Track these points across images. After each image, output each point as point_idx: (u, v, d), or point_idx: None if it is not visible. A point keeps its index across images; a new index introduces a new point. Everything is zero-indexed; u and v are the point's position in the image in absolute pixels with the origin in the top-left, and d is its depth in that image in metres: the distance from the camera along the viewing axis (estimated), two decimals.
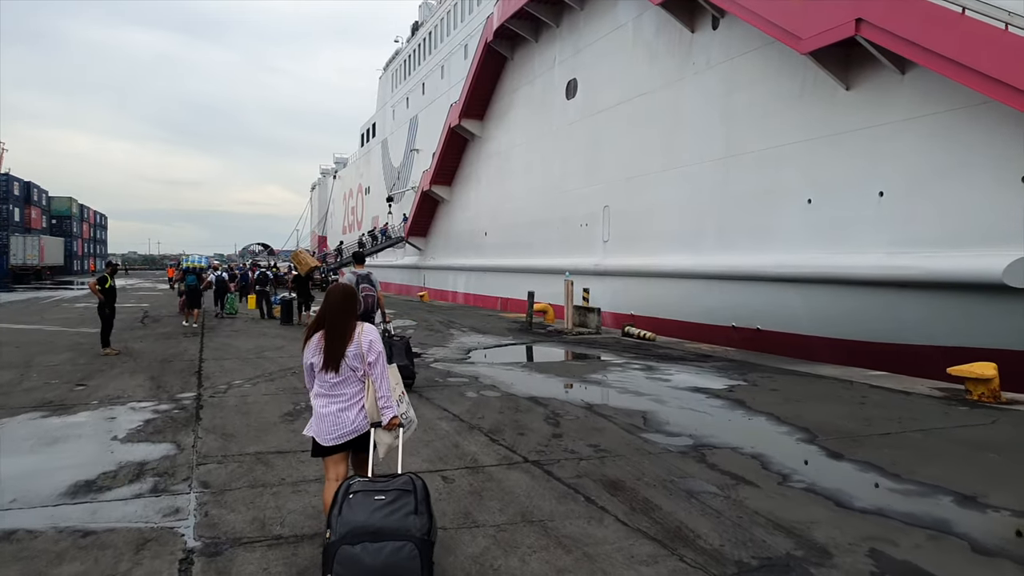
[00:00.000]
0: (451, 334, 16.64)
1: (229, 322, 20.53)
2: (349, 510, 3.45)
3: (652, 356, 12.87)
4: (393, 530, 3.38)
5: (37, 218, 65.08)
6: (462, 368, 11.27)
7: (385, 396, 4.06)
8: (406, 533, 3.39)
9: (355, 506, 3.46)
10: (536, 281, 28.12)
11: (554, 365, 11.99)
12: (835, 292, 15.55)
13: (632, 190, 22.54)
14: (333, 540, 3.38)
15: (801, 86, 16.48)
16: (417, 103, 44.59)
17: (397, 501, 3.49)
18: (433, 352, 13.31)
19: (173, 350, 13.51)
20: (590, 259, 24.36)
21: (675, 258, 20.28)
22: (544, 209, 27.96)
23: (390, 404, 4.07)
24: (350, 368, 4.04)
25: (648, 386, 9.62)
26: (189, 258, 23.13)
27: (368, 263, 50.63)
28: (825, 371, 11.33)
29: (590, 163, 24.89)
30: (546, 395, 8.92)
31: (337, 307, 4.13)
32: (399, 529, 3.39)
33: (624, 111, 23.02)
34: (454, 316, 22.62)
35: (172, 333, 16.67)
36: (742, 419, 7.72)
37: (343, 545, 3.35)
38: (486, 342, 15.08)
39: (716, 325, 18.80)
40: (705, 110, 19.49)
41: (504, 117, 32.02)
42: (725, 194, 18.72)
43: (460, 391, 9.25)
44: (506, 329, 17.78)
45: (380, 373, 4.08)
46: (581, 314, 17.27)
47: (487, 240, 33.50)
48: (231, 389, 9.42)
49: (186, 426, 7.28)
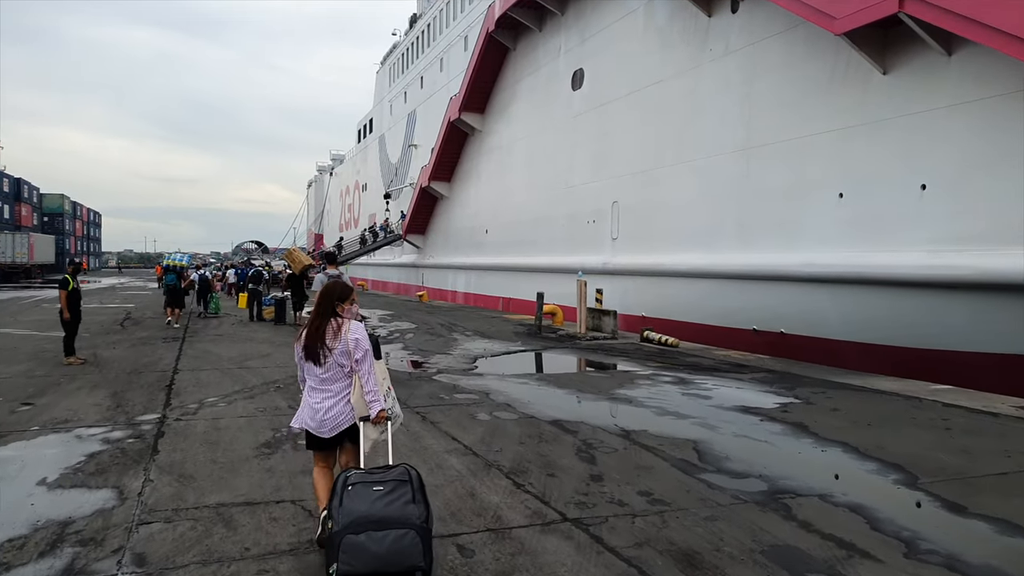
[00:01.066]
0: (454, 339, 15.22)
1: (216, 324, 19.08)
2: (350, 500, 3.53)
3: (681, 366, 11.47)
4: (395, 518, 3.47)
5: (28, 215, 63.44)
6: (470, 381, 9.85)
7: (372, 391, 4.17)
8: (407, 521, 3.48)
9: (355, 497, 3.55)
10: (541, 281, 26.68)
11: (573, 378, 10.57)
12: (870, 294, 14.19)
13: (643, 185, 21.15)
14: (337, 530, 3.45)
15: (831, 71, 15.10)
16: (415, 97, 43.10)
17: (396, 491, 3.59)
18: (436, 361, 11.89)
19: (147, 358, 12.06)
20: (598, 257, 22.97)
21: (690, 257, 18.91)
22: (548, 205, 26.55)
23: (377, 398, 4.18)
24: (337, 364, 4.17)
25: (688, 405, 8.22)
26: (171, 256, 21.51)
27: (363, 261, 49.26)
28: (881, 384, 9.94)
29: (598, 157, 23.49)
30: (572, 417, 7.52)
31: (320, 303, 4.31)
32: (400, 517, 3.48)
33: (635, 101, 21.62)
34: (456, 318, 21.20)
35: (150, 338, 15.21)
36: (814, 451, 6.34)
37: (348, 534, 3.41)
38: (493, 348, 13.67)
39: (735, 328, 17.43)
40: (723, 99, 18.10)
41: (506, 110, 30.58)
42: (746, 188, 17.34)
43: (470, 412, 7.84)
44: (513, 333, 16.36)
45: (367, 369, 4.20)
46: (595, 317, 15.86)
47: (488, 238, 32.07)
48: (202, 409, 7.99)
49: (137, 463, 5.85)
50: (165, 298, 19.44)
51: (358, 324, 4.37)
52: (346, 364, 4.18)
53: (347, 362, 4.18)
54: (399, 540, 3.42)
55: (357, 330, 4.27)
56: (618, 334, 15.47)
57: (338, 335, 4.19)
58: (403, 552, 3.42)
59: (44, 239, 60.62)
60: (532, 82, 28.20)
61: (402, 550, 3.42)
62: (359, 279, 51.17)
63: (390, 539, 3.42)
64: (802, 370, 11.40)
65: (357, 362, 4.18)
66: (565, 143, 25.56)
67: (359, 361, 4.18)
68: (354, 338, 4.20)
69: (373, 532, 3.42)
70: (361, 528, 3.43)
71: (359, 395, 4.19)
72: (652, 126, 20.75)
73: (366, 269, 52.75)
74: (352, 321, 4.35)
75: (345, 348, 4.17)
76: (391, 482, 3.65)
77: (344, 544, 3.41)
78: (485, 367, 11.34)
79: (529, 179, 28.24)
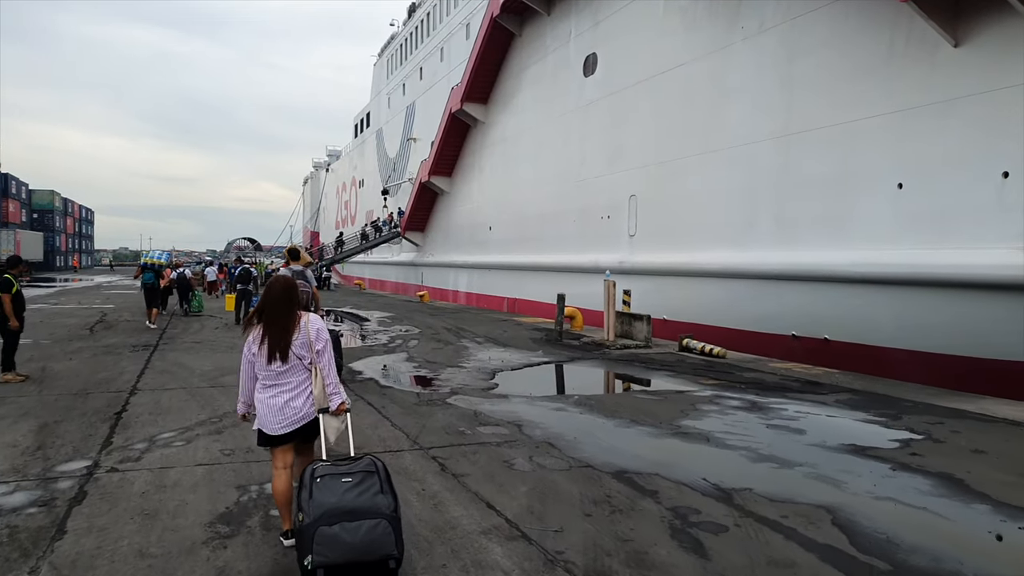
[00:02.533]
0: (465, 347, 13.21)
1: (198, 327, 17.03)
2: (320, 493, 3.47)
3: (741, 384, 9.48)
4: (367, 509, 3.43)
5: (15, 212, 61.04)
6: (494, 407, 7.86)
7: (333, 383, 4.09)
8: (378, 511, 3.45)
9: (325, 489, 3.49)
10: (550, 280, 24.73)
11: (621, 402, 8.48)
12: (936, 297, 12.29)
13: (664, 177, 19.20)
14: (309, 522, 3.38)
15: (889, 46, 13.17)
16: (415, 89, 41.02)
17: (364, 482, 3.54)
18: (448, 377, 9.89)
19: (105, 373, 10.02)
20: (613, 255, 21.02)
21: (720, 254, 16.98)
22: (558, 200, 24.56)
23: (338, 390, 4.11)
24: (296, 357, 4.03)
25: (783, 444, 6.26)
26: (149, 254, 19.59)
27: (360, 259, 47.19)
28: (997, 410, 7.99)
29: (613, 147, 21.52)
30: (641, 466, 5.54)
31: (278, 299, 4.08)
32: (372, 507, 3.45)
33: (654, 87, 19.66)
34: (463, 321, 19.17)
35: (118, 346, 13.15)
36: (1006, 527, 4.40)
37: (321, 526, 3.35)
38: (512, 359, 11.67)
39: (770, 334, 15.52)
40: (758, 81, 16.16)
41: (511, 100, 28.58)
42: (785, 179, 15.41)
43: (503, 457, 5.85)
44: (530, 340, 14.35)
45: (328, 361, 4.11)
46: (625, 322, 13.86)
47: (492, 235, 30.08)
48: (151, 452, 5.98)
49: (25, 556, 3.87)
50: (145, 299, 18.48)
51: (316, 316, 4.26)
52: (306, 356, 4.06)
53: (307, 354, 4.06)
54: (372, 530, 3.40)
55: (316, 321, 4.18)
56: (652, 342, 13.48)
57: (297, 327, 4.06)
58: (377, 541, 3.39)
59: (32, 236, 58.28)
60: (539, 70, 26.21)
61: (376, 539, 3.39)
62: (356, 278, 49.10)
63: (363, 529, 3.39)
64: (887, 388, 9.44)
65: (318, 353, 4.08)
66: (576, 133, 23.59)
67: (319, 352, 4.08)
68: (315, 328, 4.11)
69: (346, 523, 3.38)
70: (334, 519, 3.38)
71: (320, 387, 4.07)
72: (674, 113, 18.80)
73: (363, 267, 50.64)
74: (310, 313, 4.23)
75: (306, 339, 4.06)
76: (359, 473, 3.60)
77: (318, 536, 3.34)
78: (507, 385, 9.34)
79: (536, 173, 26.25)
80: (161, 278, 18.97)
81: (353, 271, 52.37)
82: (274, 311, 4.04)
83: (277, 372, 4.00)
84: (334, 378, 4.11)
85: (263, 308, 4.08)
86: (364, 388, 9.03)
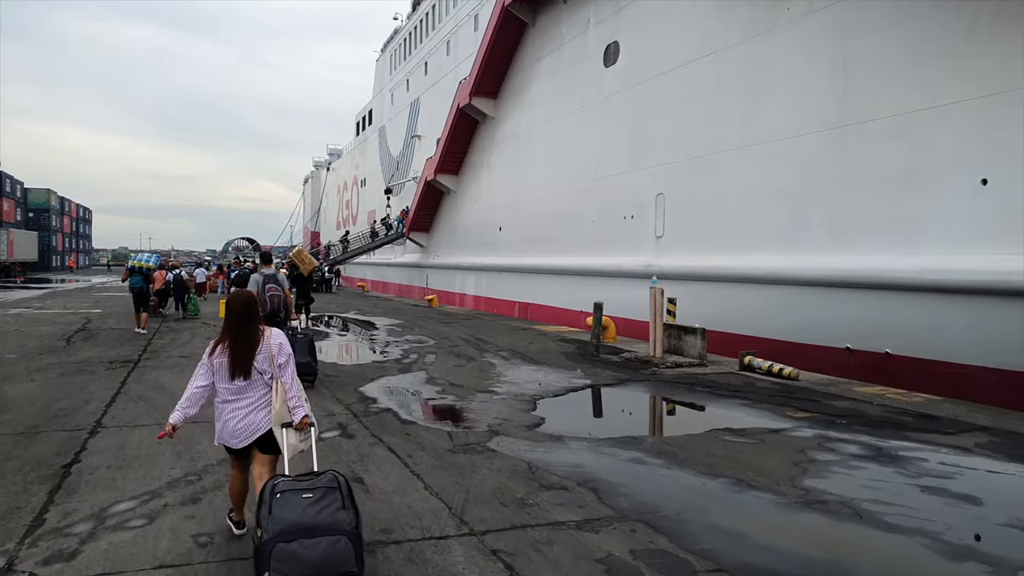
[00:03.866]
0: (491, 364, 11.41)
1: (187, 337, 15.20)
2: (279, 509, 3.35)
3: (839, 418, 7.65)
4: (327, 525, 3.33)
5: (10, 210, 59.02)
6: (549, 455, 6.08)
7: (295, 396, 4.01)
8: (338, 527, 3.34)
9: (284, 504, 3.37)
10: (567, 284, 22.98)
11: (709, 448, 6.45)
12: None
13: (696, 173, 17.44)
14: (267, 539, 3.27)
15: (972, 22, 11.42)
16: (419, 85, 39.18)
17: (325, 498, 3.43)
18: (481, 407, 8.08)
19: (68, 400, 8.22)
20: (638, 258, 19.27)
21: (761, 258, 15.23)
22: (575, 199, 22.78)
23: (300, 404, 4.02)
24: (258, 372, 3.95)
25: (962, 523, 4.48)
26: (137, 256, 17.83)
27: (362, 260, 45.36)
28: None
29: (637, 143, 19.75)
30: (795, 569, 3.79)
31: (240, 315, 4.00)
32: (332, 524, 3.34)
33: (684, 76, 17.90)
34: (479, 330, 17.36)
35: (93, 361, 11.35)
36: None
37: (279, 543, 3.24)
38: (550, 382, 9.87)
39: (819, 346, 13.77)
40: (806, 67, 14.40)
41: (522, 94, 26.78)
42: (840, 175, 13.66)
43: (591, 550, 4.01)
44: (561, 354, 12.56)
45: (290, 374, 4.04)
46: (673, 336, 12.04)
47: (502, 236, 28.28)
48: (94, 539, 4.17)
49: None
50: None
51: (278, 330, 4.15)
52: (267, 370, 3.99)
53: (269, 368, 3.99)
54: (332, 547, 3.26)
55: (279, 335, 4.11)
56: (707, 358, 11.68)
57: (260, 341, 3.98)
58: (336, 558, 3.25)
59: (25, 235, 56.28)
60: (554, 60, 24.42)
61: (335, 556, 3.25)
62: (358, 279, 47.21)
63: (322, 546, 3.25)
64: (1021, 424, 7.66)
65: (280, 367, 4.00)
66: (595, 128, 21.81)
67: (282, 367, 4.01)
68: (277, 343, 4.04)
69: (305, 539, 3.25)
70: (292, 536, 3.25)
71: (281, 401, 3.96)
72: (707, 105, 17.04)
73: (365, 269, 48.76)
74: (273, 328, 4.14)
75: (267, 354, 3.99)
76: (320, 489, 3.47)
77: (276, 552, 3.21)
78: (555, 419, 7.56)
79: (551, 170, 24.46)
80: (151, 281, 17.52)
81: (355, 272, 50.48)
82: (237, 327, 3.96)
83: (238, 387, 3.95)
84: (296, 391, 4.03)
85: (226, 323, 3.99)
86: (382, 424, 7.25)
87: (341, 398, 8.52)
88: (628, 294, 19.81)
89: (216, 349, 3.98)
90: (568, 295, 23.03)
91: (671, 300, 12.57)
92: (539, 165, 25.39)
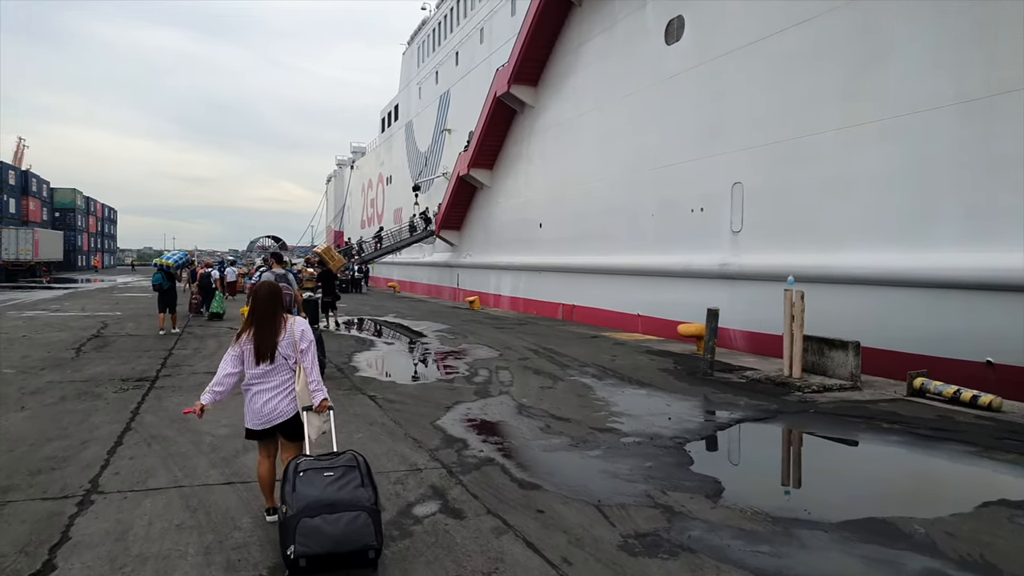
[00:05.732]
0: (584, 386, 9.03)
1: (214, 346, 12.99)
2: (303, 486, 3.53)
3: None
4: (347, 502, 3.50)
5: (36, 210, 57.55)
6: (782, 562, 3.73)
7: (316, 380, 4.20)
8: (358, 504, 3.51)
9: (307, 483, 3.54)
10: (619, 285, 20.59)
11: (1007, 550, 3.99)
12: None
13: (784, 159, 15.01)
14: (292, 514, 3.44)
15: None
16: (449, 76, 36.89)
17: (345, 476, 3.61)
18: (613, 457, 5.65)
19: (60, 441, 6.01)
20: (710, 256, 16.87)
21: (870, 256, 12.77)
22: (629, 191, 20.40)
23: (321, 388, 4.22)
24: (282, 356, 4.15)
25: None
26: (168, 255, 15.86)
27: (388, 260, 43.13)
28: None
29: (707, 127, 17.34)
30: None
31: (265, 303, 4.23)
32: (352, 501, 3.51)
33: (766, 50, 15.46)
34: (543, 338, 14.97)
35: (102, 379, 9.15)
36: None
37: (303, 518, 3.41)
38: (679, 415, 7.40)
39: (949, 359, 11.31)
40: (932, 30, 11.95)
41: (566, 80, 24.41)
42: (981, 156, 11.18)
43: None
44: (661, 371, 10.17)
45: (312, 359, 4.25)
46: (815, 351, 9.54)
47: (542, 233, 25.94)
48: None
49: None
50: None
51: (301, 319, 4.39)
52: (291, 356, 4.19)
53: (292, 353, 4.19)
54: (352, 522, 3.44)
55: (301, 323, 4.33)
56: (860, 380, 9.20)
57: (283, 328, 4.21)
58: (357, 532, 3.43)
59: (51, 235, 54.63)
60: (604, 42, 22.02)
61: (356, 530, 3.43)
62: (387, 279, 44.98)
63: (344, 521, 3.42)
64: None
65: (302, 352, 4.20)
66: (654, 113, 19.40)
67: (304, 352, 4.21)
68: (299, 330, 4.26)
69: (327, 515, 3.41)
70: (315, 512, 3.42)
71: (303, 385, 4.17)
72: (796, 81, 14.61)
73: (391, 268, 46.56)
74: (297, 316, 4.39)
75: (291, 340, 4.19)
76: (340, 468, 3.66)
77: (300, 527, 3.39)
78: (735, 484, 5.11)
79: (601, 161, 22.07)
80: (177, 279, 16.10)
81: (381, 272, 48.30)
82: (262, 314, 4.18)
83: (263, 371, 4.14)
84: (317, 375, 4.23)
85: (253, 311, 4.21)
86: (493, 489, 4.93)
87: (420, 439, 6.26)
88: (697, 296, 17.40)
89: (242, 336, 4.17)
90: (620, 297, 20.66)
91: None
92: (586, 156, 23.02)
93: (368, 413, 7.36)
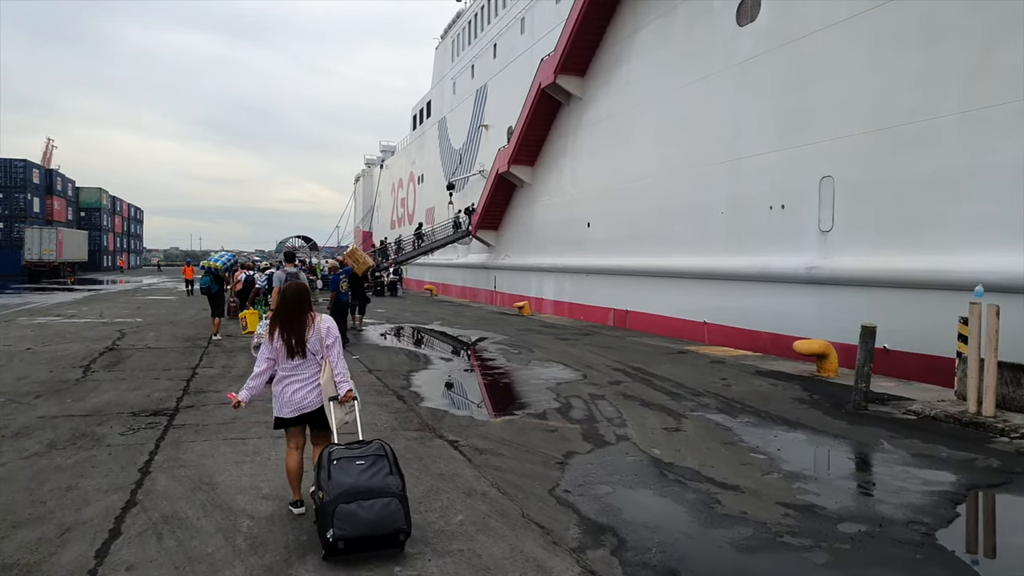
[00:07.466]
0: (720, 427, 7.15)
1: (245, 362, 11.55)
2: (337, 474, 3.87)
3: None
4: (380, 489, 3.84)
5: (61, 209, 57.27)
6: None
7: (341, 372, 4.50)
8: (389, 491, 3.85)
9: (341, 470, 3.89)
10: (680, 288, 18.86)
11: None
12: None
13: (885, 149, 13.18)
14: (329, 500, 3.78)
15: None
16: (486, 70, 35.40)
17: (376, 464, 3.95)
18: (838, 567, 4.05)
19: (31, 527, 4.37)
20: (794, 258, 15.09)
21: (1000, 258, 10.97)
22: (692, 187, 18.67)
23: (346, 379, 4.51)
24: (310, 351, 4.46)
25: None
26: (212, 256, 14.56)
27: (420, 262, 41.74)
28: None
29: (790, 114, 15.55)
30: None
31: (293, 301, 4.52)
32: (384, 488, 3.85)
33: (861, 28, 13.66)
34: (622, 354, 13.15)
35: (108, 413, 7.67)
36: None
37: (340, 504, 3.74)
38: (883, 476, 5.46)
39: None
40: None
41: (617, 68, 22.73)
42: None
43: None
44: (795, 401, 8.33)
45: (337, 353, 4.53)
46: (1008, 379, 7.49)
47: (590, 233, 24.28)
48: None
49: None
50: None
51: (326, 316, 4.61)
52: (318, 350, 4.47)
53: (319, 348, 4.46)
54: (385, 507, 3.77)
55: (327, 320, 4.57)
56: None
57: (311, 325, 4.47)
58: (389, 517, 3.77)
59: (75, 234, 54.29)
60: (662, 26, 20.32)
61: (388, 515, 3.77)
62: (424, 282, 43.48)
63: (378, 507, 3.75)
64: None
65: (328, 347, 4.47)
66: (724, 101, 17.64)
67: (329, 347, 4.48)
68: (326, 327, 4.51)
69: (363, 501, 3.74)
70: (351, 498, 3.74)
71: (328, 377, 4.43)
72: (902, 60, 12.80)
73: (423, 270, 45.17)
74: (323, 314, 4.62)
75: (318, 336, 4.46)
76: (370, 456, 3.99)
77: (338, 512, 3.72)
78: None
79: (660, 155, 20.35)
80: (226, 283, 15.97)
81: (412, 274, 46.95)
82: (291, 313, 4.48)
83: (293, 366, 4.45)
84: (342, 368, 4.51)
85: (281, 310, 4.51)
86: None
87: (548, 526, 4.44)
88: (774, 302, 15.65)
89: (273, 334, 4.46)
90: (682, 302, 18.92)
91: (963, 320, 8.08)
92: (641, 150, 21.32)
93: (457, 473, 5.70)
